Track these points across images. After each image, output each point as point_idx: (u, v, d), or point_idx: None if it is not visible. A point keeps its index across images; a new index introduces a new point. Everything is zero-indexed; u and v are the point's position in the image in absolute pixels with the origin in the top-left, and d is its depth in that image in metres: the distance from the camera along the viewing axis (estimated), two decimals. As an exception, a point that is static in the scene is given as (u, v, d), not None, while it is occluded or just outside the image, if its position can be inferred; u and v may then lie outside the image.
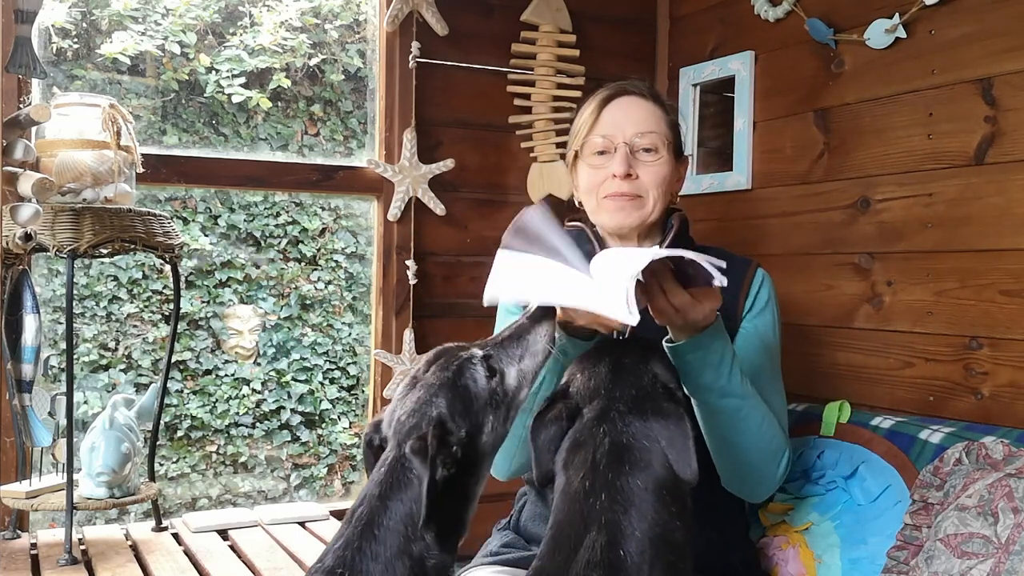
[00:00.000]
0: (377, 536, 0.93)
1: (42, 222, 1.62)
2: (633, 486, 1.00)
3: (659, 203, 1.47)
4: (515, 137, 2.42)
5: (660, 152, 1.47)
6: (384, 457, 0.99)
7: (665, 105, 1.52)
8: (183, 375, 2.72)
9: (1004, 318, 1.71)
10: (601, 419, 1.06)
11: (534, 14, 2.37)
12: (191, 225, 2.71)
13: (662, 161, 1.47)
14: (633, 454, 1.02)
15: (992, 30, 1.73)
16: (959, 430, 1.57)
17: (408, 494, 0.94)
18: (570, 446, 1.06)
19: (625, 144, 1.45)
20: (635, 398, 1.08)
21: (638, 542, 0.96)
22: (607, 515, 0.98)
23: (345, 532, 0.97)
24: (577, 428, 1.07)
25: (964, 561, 1.30)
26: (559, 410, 1.09)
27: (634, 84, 1.53)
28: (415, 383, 1.03)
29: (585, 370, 1.13)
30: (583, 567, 0.94)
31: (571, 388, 1.12)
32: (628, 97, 1.50)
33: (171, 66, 2.51)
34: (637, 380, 1.10)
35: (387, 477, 0.96)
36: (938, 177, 1.83)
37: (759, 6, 2.19)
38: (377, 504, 0.94)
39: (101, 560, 1.68)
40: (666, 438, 1.04)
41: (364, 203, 2.58)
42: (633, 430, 1.04)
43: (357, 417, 2.83)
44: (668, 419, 1.05)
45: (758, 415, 1.34)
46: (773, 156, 2.21)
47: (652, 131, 1.47)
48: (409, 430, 0.98)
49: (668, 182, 1.48)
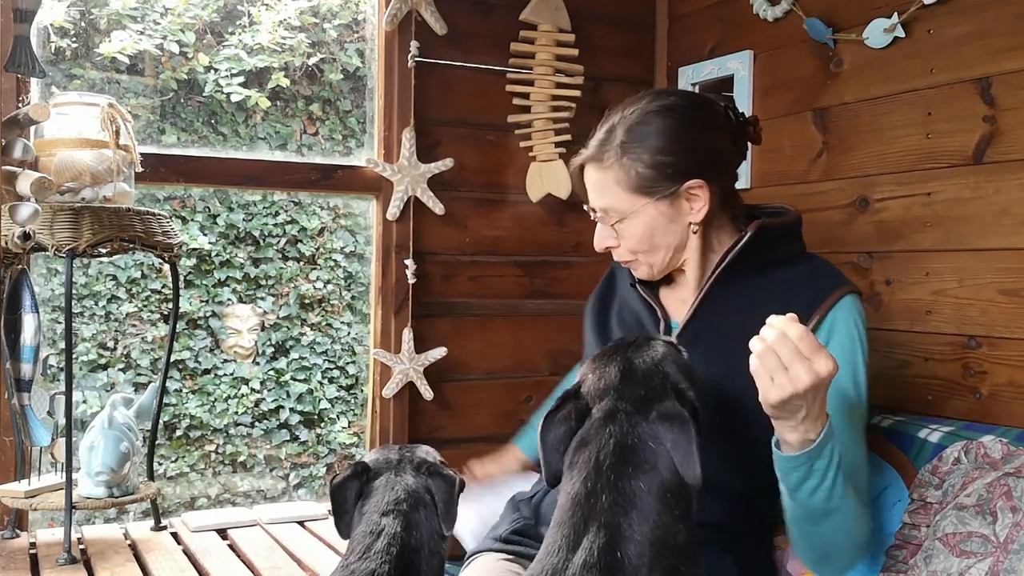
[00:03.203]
0: (415, 547, 1.15)
1: (41, 221, 1.62)
2: (636, 488, 0.99)
3: (655, 257, 1.41)
4: (514, 136, 2.42)
5: (624, 215, 1.38)
6: (391, 481, 1.21)
7: (626, 160, 1.35)
8: (182, 374, 2.71)
9: (1003, 317, 1.71)
10: (608, 419, 1.05)
11: (533, 13, 2.37)
12: (190, 224, 2.71)
13: (632, 226, 1.38)
14: (638, 455, 1.01)
15: (991, 29, 1.73)
16: (958, 429, 1.57)
17: (429, 512, 1.18)
18: (577, 446, 1.06)
19: (598, 217, 1.43)
20: (643, 399, 1.06)
21: (638, 544, 0.95)
22: (607, 516, 0.97)
23: (377, 543, 1.13)
24: (585, 428, 1.07)
25: (963, 560, 1.30)
26: (569, 410, 1.09)
27: (594, 143, 1.40)
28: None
29: (597, 369, 1.13)
30: (579, 568, 0.93)
31: (583, 388, 1.12)
32: (587, 166, 1.42)
33: (170, 65, 2.51)
34: (647, 380, 1.09)
35: (408, 497, 1.18)
36: (937, 176, 1.83)
37: (758, 5, 2.19)
38: (409, 516, 1.16)
39: (100, 559, 1.68)
40: (671, 440, 1.02)
41: (363, 202, 2.58)
42: (639, 431, 1.03)
43: (356, 416, 2.83)
44: (674, 421, 1.03)
45: (852, 515, 1.25)
46: (772, 155, 2.22)
47: (606, 206, 1.39)
48: (418, 463, 1.23)
49: (652, 237, 1.39)
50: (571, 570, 0.94)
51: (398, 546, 1.10)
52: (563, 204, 2.41)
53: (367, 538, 1.12)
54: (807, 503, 1.23)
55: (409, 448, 1.27)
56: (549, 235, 2.45)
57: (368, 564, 1.07)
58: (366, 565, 1.07)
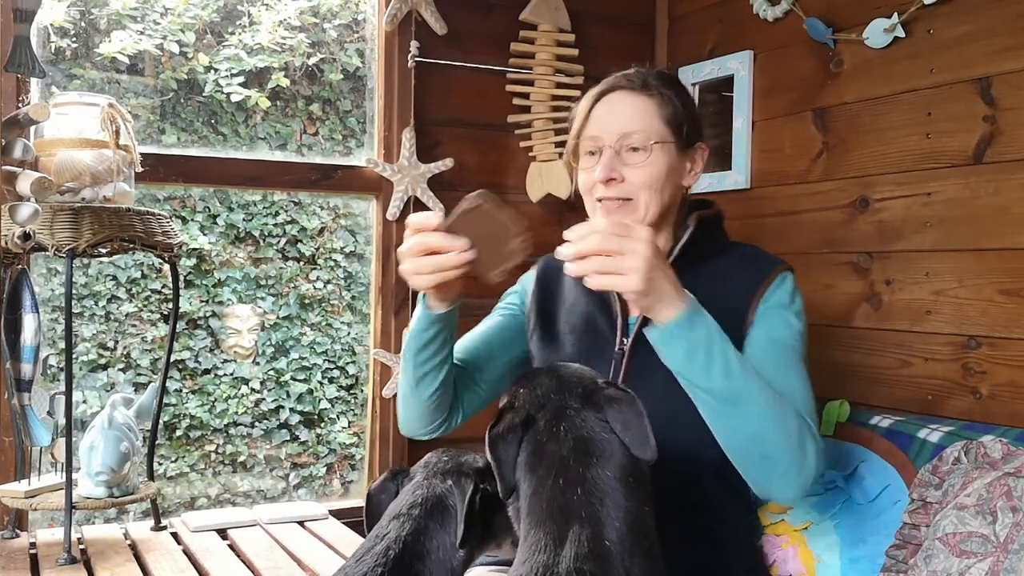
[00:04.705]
0: (419, 553, 1.11)
1: (41, 221, 1.62)
2: (603, 476, 1.01)
3: (653, 204, 1.41)
4: (514, 136, 2.42)
5: (649, 151, 1.40)
6: (416, 484, 1.17)
7: (662, 95, 1.43)
8: (182, 374, 2.71)
9: (1003, 317, 1.71)
10: (559, 418, 1.08)
11: (533, 13, 2.37)
12: (190, 224, 2.71)
13: (651, 160, 1.40)
14: (596, 446, 1.04)
15: (991, 29, 1.73)
16: (958, 429, 1.57)
17: (446, 519, 1.13)
18: (532, 450, 1.07)
19: (611, 146, 1.41)
20: (584, 394, 1.10)
21: (618, 531, 0.98)
22: (586, 508, 0.99)
23: (376, 547, 1.10)
24: (534, 432, 1.08)
25: (963, 560, 1.30)
26: (510, 420, 1.10)
27: (628, 76, 1.45)
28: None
29: (526, 386, 1.15)
30: (572, 560, 0.94)
31: (516, 403, 1.13)
32: (618, 93, 1.45)
33: (170, 65, 2.51)
34: (581, 380, 1.13)
35: (425, 502, 1.14)
36: (937, 176, 1.83)
37: (758, 5, 2.19)
38: (420, 521, 1.12)
39: (100, 559, 1.68)
40: (621, 422, 1.06)
41: (363, 202, 2.58)
42: (591, 423, 1.06)
43: (356, 416, 2.83)
44: (620, 403, 1.07)
45: (764, 397, 1.25)
46: (772, 155, 2.22)
47: (638, 130, 1.40)
48: (450, 469, 1.18)
49: (662, 180, 1.41)
50: (564, 564, 0.94)
51: (398, 550, 1.08)
52: (563, 204, 2.41)
53: (370, 541, 1.11)
54: (709, 387, 1.24)
55: (457, 453, 1.23)
56: (549, 235, 2.43)
57: (361, 567, 1.06)
58: (359, 568, 1.06)
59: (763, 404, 1.25)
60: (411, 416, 1.52)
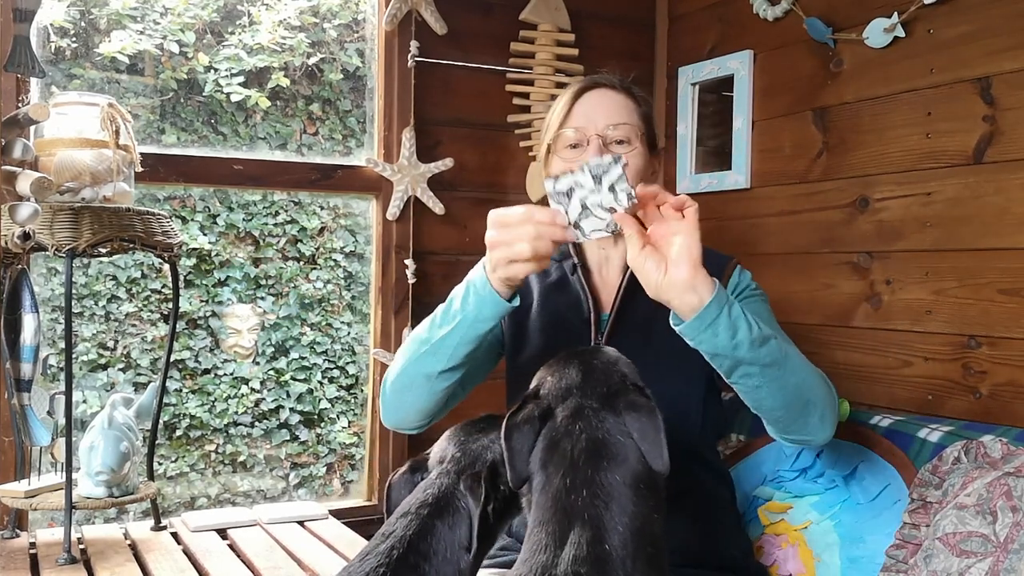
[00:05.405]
0: (424, 553, 1.07)
1: (41, 221, 1.62)
2: (612, 480, 1.01)
3: None
4: (514, 136, 2.42)
5: (633, 143, 1.45)
6: (429, 482, 1.13)
7: (637, 97, 1.50)
8: (182, 374, 2.71)
9: (1003, 317, 1.71)
10: (576, 416, 1.07)
11: (533, 13, 2.37)
12: (190, 224, 2.70)
13: (636, 152, 1.45)
14: (610, 449, 1.04)
15: (991, 29, 1.73)
16: (958, 429, 1.57)
17: (456, 520, 1.09)
18: (547, 445, 1.07)
19: (598, 136, 1.43)
20: (606, 395, 1.09)
21: (620, 535, 0.97)
22: (589, 511, 0.99)
23: (381, 546, 1.07)
24: (551, 427, 1.08)
25: (963, 560, 1.30)
26: (531, 412, 1.09)
27: (606, 77, 1.51)
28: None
29: (555, 373, 1.15)
30: (570, 563, 0.94)
31: (542, 391, 1.13)
32: (600, 90, 1.49)
33: (170, 65, 2.51)
34: (607, 379, 1.12)
35: (435, 501, 1.10)
36: (937, 176, 1.83)
37: (758, 5, 2.19)
38: (427, 521, 1.08)
39: (100, 559, 1.68)
40: (638, 431, 1.05)
41: (363, 202, 2.58)
42: (608, 425, 1.06)
43: (356, 416, 2.83)
44: (640, 412, 1.06)
45: (790, 347, 1.29)
46: (772, 155, 2.22)
47: (624, 122, 1.45)
48: (463, 467, 1.13)
49: (642, 174, 1.45)
50: (562, 566, 0.94)
51: (402, 549, 1.06)
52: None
53: (376, 539, 1.10)
54: (751, 357, 1.22)
55: (470, 440, 1.19)
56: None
57: (364, 567, 1.06)
58: (362, 567, 1.06)
59: (793, 354, 1.29)
60: (409, 408, 1.48)
